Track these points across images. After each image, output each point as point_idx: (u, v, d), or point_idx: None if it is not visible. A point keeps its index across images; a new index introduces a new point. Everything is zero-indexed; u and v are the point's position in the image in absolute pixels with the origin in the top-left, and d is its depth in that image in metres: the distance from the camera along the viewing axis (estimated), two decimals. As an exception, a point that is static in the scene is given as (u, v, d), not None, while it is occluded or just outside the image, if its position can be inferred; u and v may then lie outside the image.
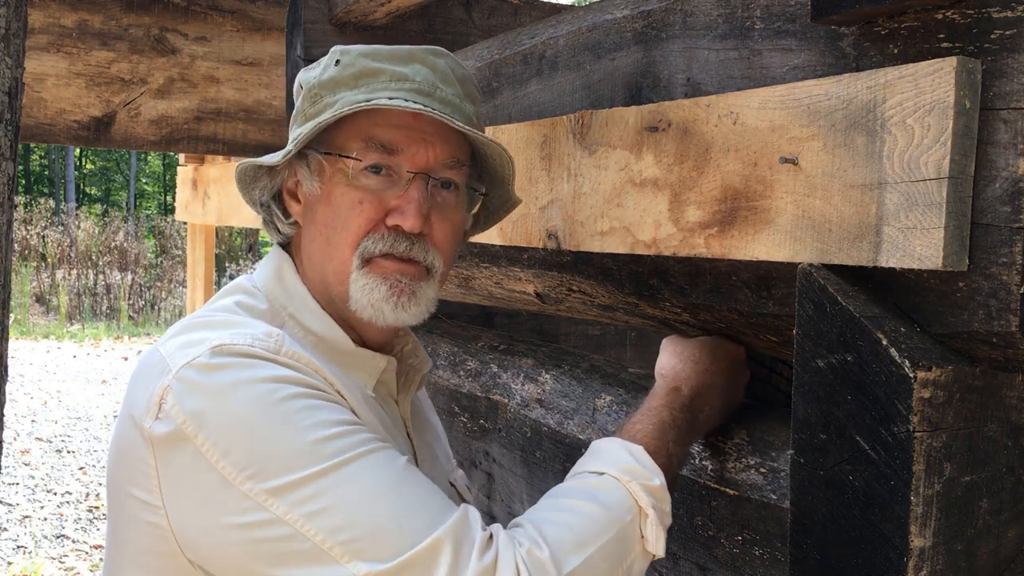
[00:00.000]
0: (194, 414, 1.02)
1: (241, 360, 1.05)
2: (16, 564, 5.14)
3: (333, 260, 1.19)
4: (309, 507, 0.98)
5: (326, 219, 1.19)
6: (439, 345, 2.21)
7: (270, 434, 1.01)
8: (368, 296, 1.17)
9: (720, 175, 1.16)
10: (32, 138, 3.50)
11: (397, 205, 1.17)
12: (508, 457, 1.81)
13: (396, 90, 1.16)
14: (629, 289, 1.48)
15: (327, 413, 1.05)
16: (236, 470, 0.99)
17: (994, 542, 1.03)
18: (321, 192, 1.19)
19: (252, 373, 1.04)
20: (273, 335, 1.09)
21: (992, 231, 0.91)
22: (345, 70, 1.18)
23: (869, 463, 0.98)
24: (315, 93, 1.20)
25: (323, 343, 1.20)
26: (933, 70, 0.92)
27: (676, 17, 1.34)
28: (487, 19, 2.69)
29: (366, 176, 1.17)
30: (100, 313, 15.18)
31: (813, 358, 1.04)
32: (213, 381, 1.03)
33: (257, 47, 3.73)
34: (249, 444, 1.00)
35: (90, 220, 18.27)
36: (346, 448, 1.02)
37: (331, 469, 1.00)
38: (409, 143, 1.17)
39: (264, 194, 1.26)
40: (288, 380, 1.05)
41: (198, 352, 1.05)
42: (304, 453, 1.00)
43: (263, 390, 1.03)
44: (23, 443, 7.41)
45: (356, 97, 1.15)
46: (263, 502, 0.99)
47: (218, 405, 1.02)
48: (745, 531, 1.25)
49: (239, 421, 1.01)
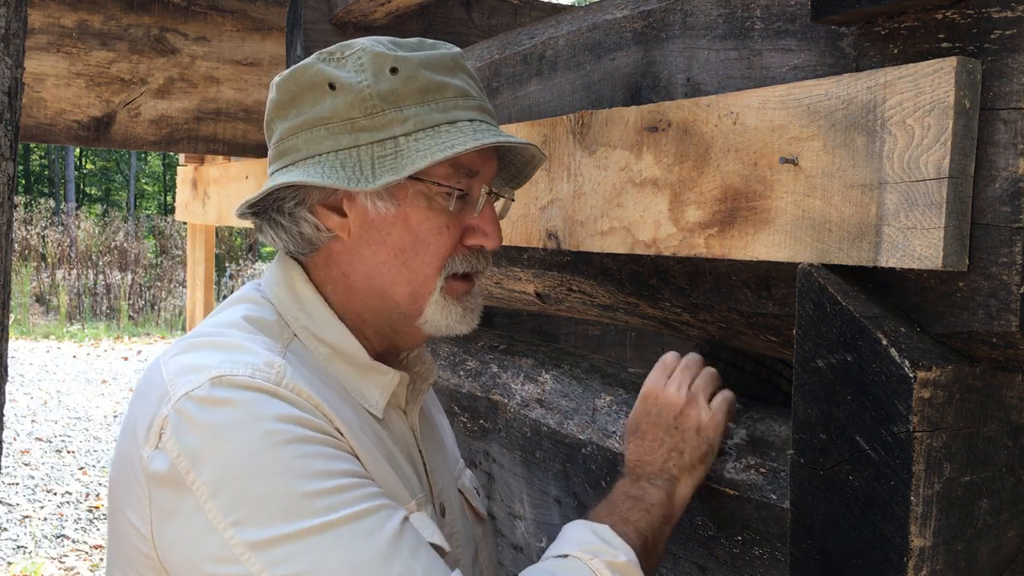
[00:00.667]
0: (188, 451, 0.99)
1: (240, 394, 1.01)
2: (16, 564, 5.14)
3: (412, 283, 1.17)
4: (285, 568, 0.95)
5: (403, 243, 1.16)
6: (439, 345, 2.21)
7: (260, 481, 0.97)
8: (446, 318, 1.19)
9: (720, 175, 1.16)
10: (32, 138, 3.50)
11: (476, 225, 1.19)
12: (508, 457, 1.81)
13: (465, 108, 1.15)
14: (629, 289, 1.48)
15: (324, 462, 1.01)
16: (222, 515, 0.97)
17: (994, 542, 1.03)
18: (395, 213, 1.15)
19: (250, 411, 1.00)
20: (275, 365, 1.06)
21: (992, 231, 0.91)
22: (408, 83, 1.13)
23: (869, 463, 0.98)
24: (371, 104, 1.12)
25: (337, 355, 1.18)
26: (933, 70, 0.92)
27: (676, 17, 1.35)
28: (487, 19, 2.69)
29: (446, 200, 1.16)
30: (100, 313, 15.18)
31: (813, 358, 1.04)
32: (209, 418, 1.00)
33: (257, 47, 3.73)
34: (238, 489, 0.97)
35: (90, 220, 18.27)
36: (337, 506, 0.98)
37: (316, 530, 0.96)
38: (483, 164, 1.18)
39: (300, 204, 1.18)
40: (287, 419, 1.02)
41: (198, 382, 1.02)
42: (292, 506, 0.97)
43: (259, 431, 0.99)
44: (23, 443, 7.42)
45: (433, 116, 1.12)
46: (240, 554, 0.96)
47: (212, 444, 0.99)
48: (745, 531, 1.25)
49: (231, 464, 0.98)
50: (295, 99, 1.17)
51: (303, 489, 0.98)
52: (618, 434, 1.51)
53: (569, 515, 1.63)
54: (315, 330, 1.18)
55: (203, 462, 0.98)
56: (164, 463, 1.00)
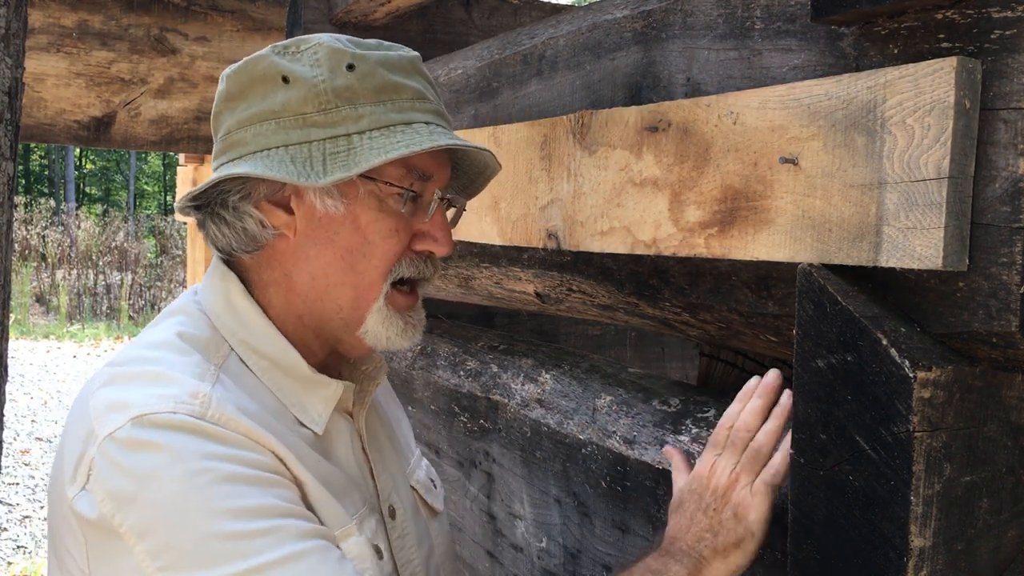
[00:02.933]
0: (113, 496, 0.97)
1: (162, 435, 0.98)
2: (16, 564, 5.14)
3: (357, 287, 1.14)
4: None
5: (350, 243, 1.13)
6: (439, 345, 2.21)
7: (186, 525, 0.95)
8: (386, 330, 1.16)
9: (720, 175, 1.16)
10: (32, 138, 3.50)
11: (426, 231, 1.16)
12: (508, 457, 1.81)
13: (422, 111, 1.13)
14: (629, 289, 1.48)
15: (252, 501, 0.98)
16: (149, 559, 0.95)
17: (994, 542, 1.03)
18: (345, 213, 1.12)
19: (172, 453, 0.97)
20: (199, 395, 1.02)
21: (992, 231, 0.92)
22: (364, 81, 1.10)
23: (869, 463, 0.98)
24: (326, 99, 1.10)
25: (276, 367, 1.15)
26: (933, 70, 0.92)
27: (676, 17, 1.35)
28: (487, 19, 2.69)
29: (397, 202, 1.13)
30: (100, 313, 15.18)
31: (813, 358, 1.04)
32: (132, 462, 0.97)
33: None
34: (163, 534, 0.95)
35: (90, 220, 18.27)
36: (266, 548, 0.96)
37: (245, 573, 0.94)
38: (436, 168, 1.17)
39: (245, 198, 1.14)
40: (212, 456, 0.98)
41: (120, 422, 0.99)
42: (217, 551, 0.95)
43: (183, 473, 0.96)
44: (23, 443, 7.41)
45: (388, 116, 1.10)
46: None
47: (137, 489, 0.96)
48: (745, 531, 1.25)
49: (156, 508, 0.96)
50: (245, 91, 1.13)
51: (229, 531, 0.95)
52: (618, 434, 1.51)
53: (569, 515, 1.63)
54: (253, 343, 1.14)
55: (129, 507, 0.96)
56: (92, 508, 0.98)
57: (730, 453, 1.17)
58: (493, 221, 1.65)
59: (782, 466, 1.14)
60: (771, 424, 1.16)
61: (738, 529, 1.13)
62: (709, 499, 1.17)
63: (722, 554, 1.13)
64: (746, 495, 1.14)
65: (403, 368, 2.26)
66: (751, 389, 1.21)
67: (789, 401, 1.16)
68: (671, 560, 1.14)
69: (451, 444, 2.04)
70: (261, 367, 1.14)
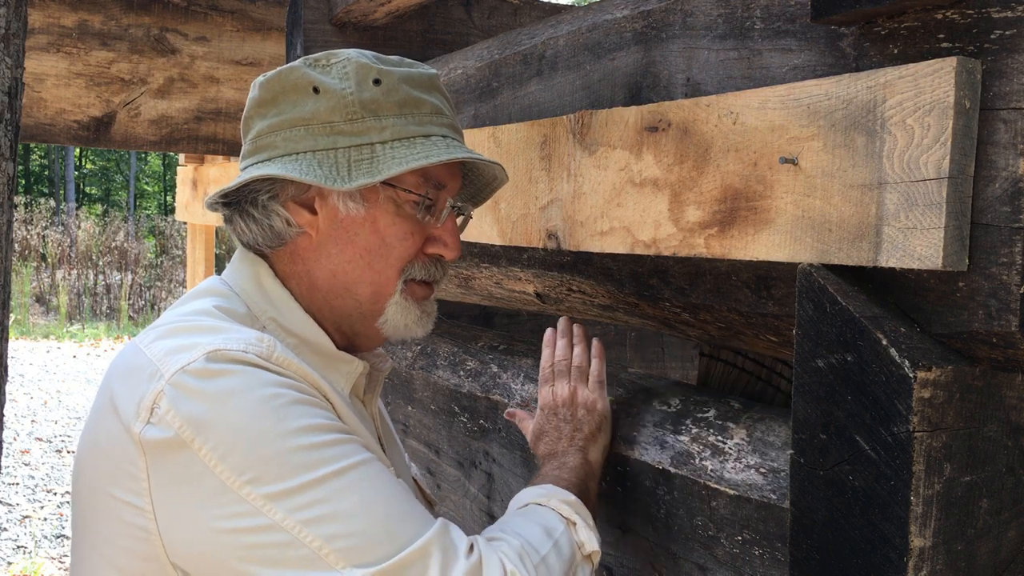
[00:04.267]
0: (192, 419, 1.03)
1: (236, 367, 1.07)
2: (16, 564, 5.14)
3: (374, 283, 1.24)
4: (306, 514, 1.01)
5: (369, 244, 1.23)
6: (439, 345, 2.21)
7: (268, 440, 1.03)
8: (404, 319, 1.26)
9: (720, 175, 1.16)
10: (32, 138, 3.50)
11: (438, 235, 1.27)
12: (508, 457, 1.81)
13: (439, 125, 1.23)
14: (629, 289, 1.48)
15: (321, 420, 1.08)
16: (234, 474, 1.02)
17: (994, 542, 1.03)
18: (365, 215, 1.22)
19: (248, 379, 1.06)
20: (265, 340, 1.12)
21: (992, 231, 0.92)
22: (389, 95, 1.20)
23: (869, 463, 0.98)
24: (353, 111, 1.19)
25: (304, 345, 1.23)
26: (933, 70, 0.92)
27: (676, 17, 1.35)
28: (487, 19, 2.69)
29: (413, 208, 1.23)
30: (100, 313, 15.18)
31: (813, 358, 1.04)
32: (211, 386, 1.05)
33: (257, 47, 3.73)
34: (247, 449, 1.02)
35: (90, 220, 18.27)
36: (340, 456, 1.06)
37: (328, 477, 1.03)
38: (449, 178, 1.27)
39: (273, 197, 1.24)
40: (283, 385, 1.08)
41: (192, 357, 1.07)
42: (301, 460, 1.03)
43: (261, 396, 1.05)
44: (23, 443, 7.42)
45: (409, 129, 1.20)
46: (260, 507, 1.01)
47: (216, 410, 1.04)
48: (745, 531, 1.25)
49: (237, 426, 1.03)
50: (277, 98, 1.22)
51: (308, 443, 1.04)
52: (618, 434, 1.51)
53: (569, 515, 1.63)
54: (283, 322, 1.23)
55: (209, 428, 1.03)
56: (166, 433, 1.04)
57: (560, 378, 1.49)
58: (493, 221, 1.66)
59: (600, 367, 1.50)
60: (579, 349, 1.52)
61: (594, 418, 1.45)
62: (563, 411, 1.46)
63: (591, 439, 1.44)
64: (587, 394, 1.47)
65: (403, 368, 2.26)
66: (551, 338, 1.54)
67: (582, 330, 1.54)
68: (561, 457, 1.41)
69: (451, 444, 2.04)
70: (290, 344, 1.22)
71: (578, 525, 1.25)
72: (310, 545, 1.00)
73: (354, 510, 1.03)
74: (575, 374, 1.48)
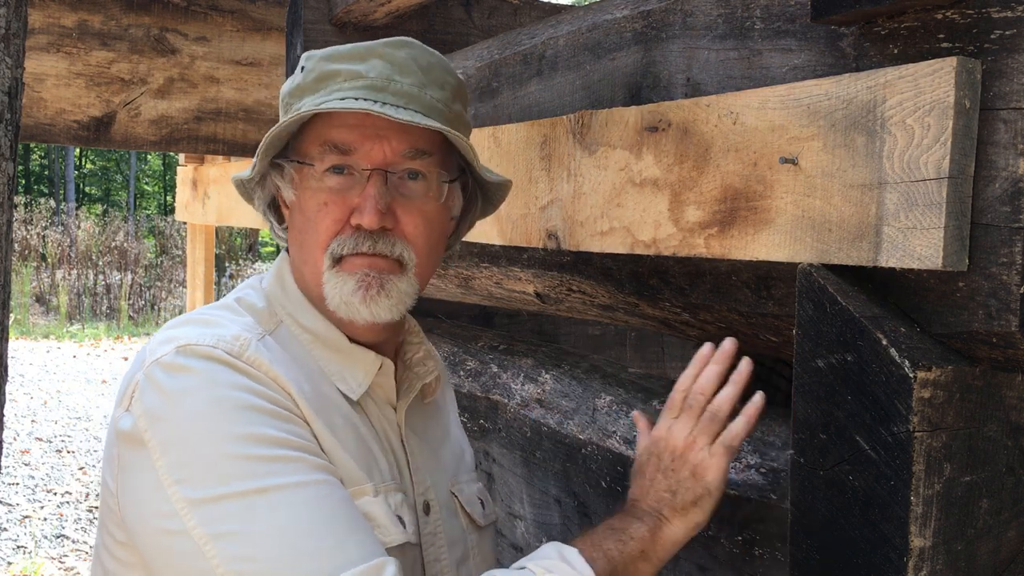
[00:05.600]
0: (148, 412, 1.05)
1: (199, 363, 1.07)
2: (16, 564, 5.14)
3: (307, 263, 1.22)
4: (218, 527, 0.98)
5: (300, 224, 1.22)
6: (439, 345, 2.21)
7: (206, 443, 1.02)
8: (339, 293, 1.17)
9: (720, 175, 1.16)
10: (32, 138, 3.50)
11: (357, 204, 1.18)
12: (508, 457, 1.81)
13: (349, 89, 1.17)
14: (629, 289, 1.48)
15: (269, 431, 1.04)
16: (168, 472, 1.01)
17: (994, 542, 1.03)
18: (296, 198, 1.23)
19: (207, 378, 1.05)
20: (241, 339, 1.11)
21: (992, 231, 0.91)
22: (308, 76, 1.21)
23: (869, 463, 0.98)
24: (286, 103, 1.23)
25: (320, 340, 1.23)
26: (933, 70, 0.92)
27: (676, 17, 1.35)
28: (487, 19, 2.69)
29: (328, 177, 1.19)
30: (100, 313, 15.18)
31: (813, 358, 1.04)
32: (171, 382, 1.06)
33: (257, 47, 3.73)
34: (185, 449, 1.02)
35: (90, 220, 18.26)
36: (276, 472, 1.01)
37: (252, 493, 0.99)
38: (363, 140, 1.17)
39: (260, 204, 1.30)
40: (241, 388, 1.06)
41: (167, 350, 1.09)
42: (230, 470, 1.00)
43: (213, 396, 1.04)
44: (23, 443, 7.42)
45: (314, 101, 1.17)
46: (180, 510, 1.00)
47: (169, 406, 1.05)
48: (745, 531, 1.25)
49: (182, 425, 1.03)
50: None
51: (245, 453, 1.01)
52: (618, 434, 1.51)
53: (569, 515, 1.63)
54: (298, 317, 1.23)
55: (159, 422, 1.04)
56: (129, 422, 1.06)
57: (687, 416, 1.20)
58: (493, 221, 1.66)
59: (742, 430, 1.17)
60: (728, 390, 1.19)
61: (696, 488, 1.17)
62: (667, 460, 1.20)
63: (681, 512, 1.17)
64: (704, 456, 1.17)
65: (403, 368, 2.26)
66: (706, 355, 1.23)
67: (747, 367, 1.20)
68: (632, 519, 1.17)
69: (451, 444, 2.04)
70: (306, 340, 1.22)
71: None
72: (210, 561, 0.97)
73: (266, 534, 0.98)
74: (706, 420, 1.19)
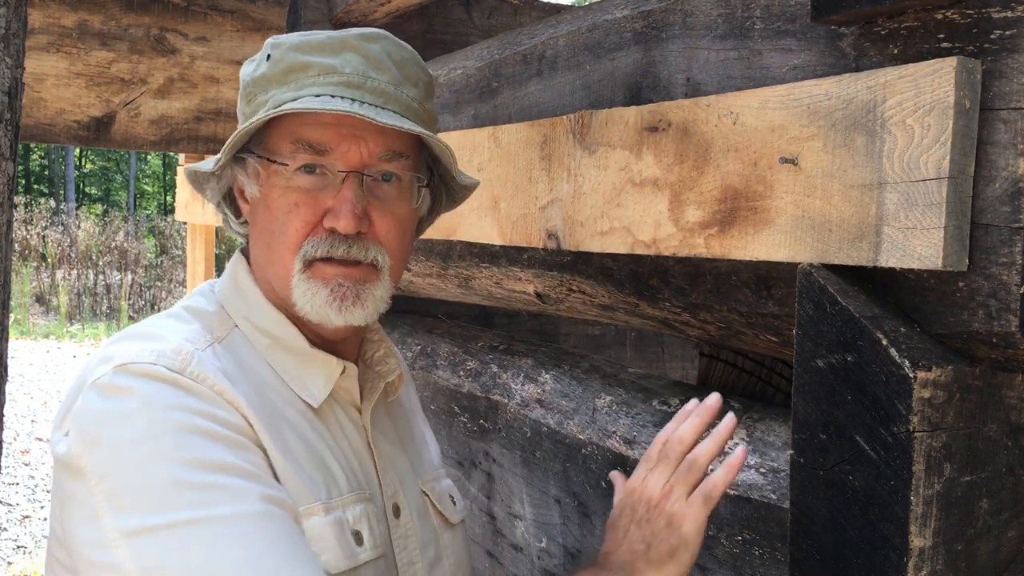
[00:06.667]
0: (83, 437, 0.99)
1: (139, 382, 1.00)
2: (16, 564, 5.14)
3: (275, 264, 1.16)
4: (148, 560, 0.93)
5: (265, 223, 1.17)
6: (439, 345, 2.21)
7: (141, 469, 0.96)
8: (310, 301, 1.14)
9: (720, 175, 1.16)
10: (32, 138, 3.50)
11: (332, 206, 1.13)
12: (508, 457, 1.81)
13: (324, 84, 1.12)
14: (629, 289, 1.48)
15: (211, 455, 0.98)
16: (104, 500, 0.95)
17: (994, 542, 1.03)
18: (260, 195, 1.17)
19: (145, 399, 0.99)
20: (182, 352, 1.05)
21: (992, 231, 0.92)
22: (275, 66, 1.15)
23: (869, 463, 0.98)
24: (249, 92, 1.17)
25: (277, 344, 1.18)
26: (933, 70, 0.92)
27: (676, 17, 1.35)
28: (487, 19, 2.69)
29: (300, 177, 1.14)
30: (100, 313, 15.18)
31: (813, 358, 1.04)
32: (108, 405, 1.00)
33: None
34: (120, 475, 0.96)
35: (90, 220, 18.26)
36: (215, 502, 0.95)
37: (185, 524, 0.94)
38: (339, 141, 1.13)
39: (214, 196, 1.24)
40: (181, 408, 1.00)
41: (105, 370, 1.02)
42: (166, 497, 0.95)
43: (150, 419, 0.98)
44: (23, 443, 7.41)
45: (284, 95, 1.12)
46: (111, 541, 0.94)
47: (106, 430, 0.98)
48: (745, 531, 1.25)
49: (120, 450, 0.97)
50: None
51: (182, 480, 0.95)
52: (618, 434, 1.51)
53: (569, 515, 1.63)
54: (254, 320, 1.19)
55: (94, 447, 0.98)
56: (65, 447, 1.00)
57: (663, 466, 1.14)
58: (493, 221, 1.66)
59: (721, 482, 1.10)
60: (709, 443, 1.13)
61: (671, 539, 1.10)
62: (642, 511, 1.14)
63: (656, 565, 1.10)
64: (681, 506, 1.11)
65: (403, 368, 2.26)
66: (689, 410, 1.18)
67: (731, 423, 1.14)
68: (604, 572, 1.10)
69: (451, 444, 2.04)
70: (263, 344, 1.18)
71: None
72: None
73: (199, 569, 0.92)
74: (683, 469, 1.13)
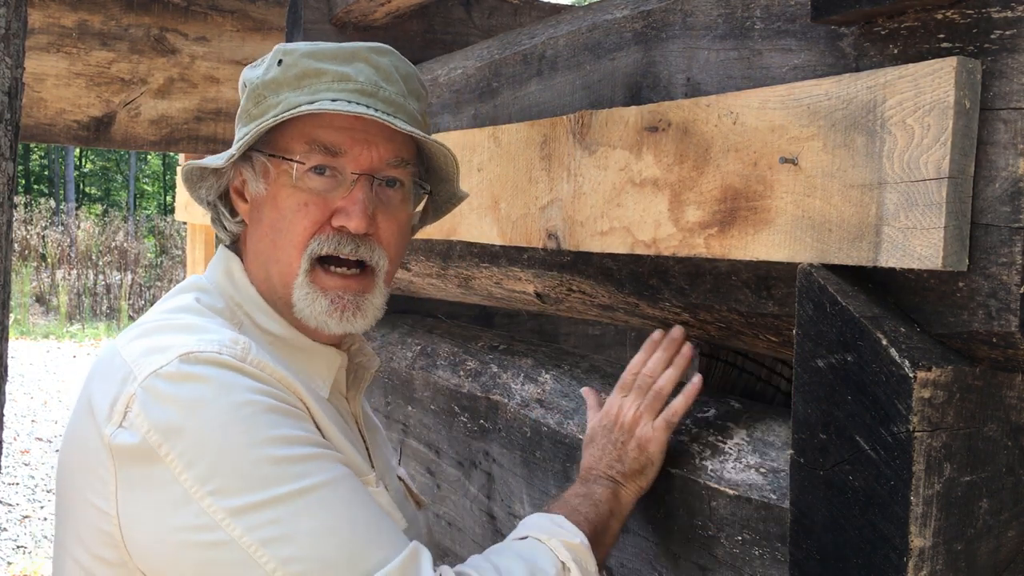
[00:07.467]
0: (160, 425, 1.01)
1: (209, 370, 1.04)
2: (16, 564, 5.14)
3: (279, 262, 1.19)
4: (265, 533, 0.98)
5: (272, 221, 1.19)
6: (439, 345, 2.21)
7: (236, 451, 1.00)
8: (310, 307, 1.19)
9: (720, 175, 1.16)
10: (32, 138, 3.50)
11: (342, 206, 1.18)
12: (508, 457, 1.81)
13: (339, 91, 1.17)
14: (629, 289, 1.48)
15: (293, 431, 1.05)
16: (198, 484, 0.99)
17: (994, 542, 1.03)
18: (267, 193, 1.20)
19: (221, 385, 1.03)
20: (240, 342, 1.09)
21: (992, 231, 0.92)
22: (288, 71, 1.19)
23: (869, 463, 0.98)
24: (258, 93, 1.20)
25: (280, 341, 1.21)
26: (933, 70, 0.92)
27: (676, 17, 1.35)
28: (487, 19, 2.69)
29: (310, 178, 1.18)
30: (100, 313, 15.18)
31: (813, 358, 1.04)
32: (181, 392, 1.02)
33: (257, 47, 3.73)
34: (214, 459, 0.99)
35: (90, 220, 18.26)
36: (308, 473, 1.02)
37: (293, 495, 1.00)
38: (352, 144, 1.18)
39: (211, 193, 1.27)
40: (257, 391, 1.04)
41: (165, 360, 1.04)
42: (267, 474, 1.00)
43: (232, 403, 1.02)
44: (23, 443, 7.41)
45: (299, 99, 1.16)
46: (220, 520, 0.98)
47: (186, 417, 1.01)
48: (745, 531, 1.25)
49: (206, 435, 1.00)
50: None
51: (276, 457, 1.01)
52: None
53: (569, 515, 1.63)
54: (256, 319, 1.22)
55: (177, 435, 1.00)
56: (133, 438, 1.01)
57: (635, 395, 1.35)
58: (493, 221, 1.65)
59: (680, 407, 1.32)
60: (671, 371, 1.34)
61: (641, 459, 1.32)
62: (617, 434, 1.34)
63: (630, 478, 1.32)
64: (648, 430, 1.32)
65: (403, 368, 2.26)
66: (656, 341, 1.38)
67: (690, 351, 1.36)
68: (594, 484, 1.31)
69: (451, 444, 2.04)
70: (266, 342, 1.20)
71: (571, 573, 1.17)
72: (264, 567, 0.97)
73: (315, 532, 0.99)
74: (650, 399, 1.34)
